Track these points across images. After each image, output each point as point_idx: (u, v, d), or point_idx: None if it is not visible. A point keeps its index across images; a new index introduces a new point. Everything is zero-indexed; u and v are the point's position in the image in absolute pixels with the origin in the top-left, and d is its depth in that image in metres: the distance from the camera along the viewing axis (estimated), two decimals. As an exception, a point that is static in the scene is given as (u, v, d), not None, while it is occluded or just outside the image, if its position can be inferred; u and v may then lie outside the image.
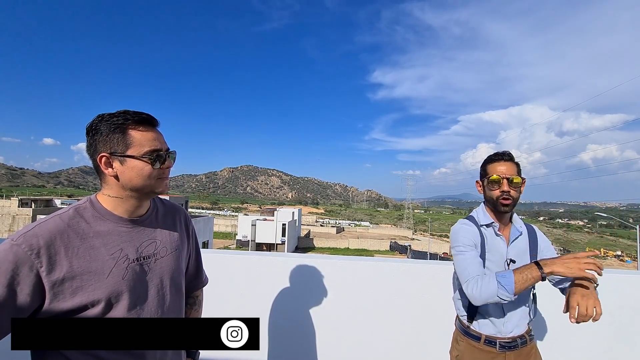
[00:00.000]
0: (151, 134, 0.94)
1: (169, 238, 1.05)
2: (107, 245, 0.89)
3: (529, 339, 1.46)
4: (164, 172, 0.96)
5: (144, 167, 0.91)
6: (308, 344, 2.21)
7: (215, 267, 2.30)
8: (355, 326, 2.22)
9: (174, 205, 1.16)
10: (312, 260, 2.27)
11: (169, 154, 0.97)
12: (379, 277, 2.25)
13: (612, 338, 2.12)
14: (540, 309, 2.13)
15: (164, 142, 0.97)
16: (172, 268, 1.02)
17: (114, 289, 0.87)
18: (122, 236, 0.93)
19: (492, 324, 1.43)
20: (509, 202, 1.40)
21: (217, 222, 63.68)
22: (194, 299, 1.25)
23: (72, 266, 0.82)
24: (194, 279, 1.24)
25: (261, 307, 2.22)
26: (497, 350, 1.42)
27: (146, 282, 0.95)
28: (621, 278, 2.18)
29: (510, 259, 1.43)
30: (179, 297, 1.05)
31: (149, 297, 0.95)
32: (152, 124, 0.95)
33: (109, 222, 0.92)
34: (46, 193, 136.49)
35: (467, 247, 1.42)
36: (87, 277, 0.84)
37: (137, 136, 0.91)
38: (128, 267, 0.90)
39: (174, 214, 1.13)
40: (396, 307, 2.20)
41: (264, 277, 2.28)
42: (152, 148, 0.92)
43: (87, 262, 0.84)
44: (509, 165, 1.42)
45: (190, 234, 1.19)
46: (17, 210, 37.88)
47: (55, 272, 0.80)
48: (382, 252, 52.43)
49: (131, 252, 0.93)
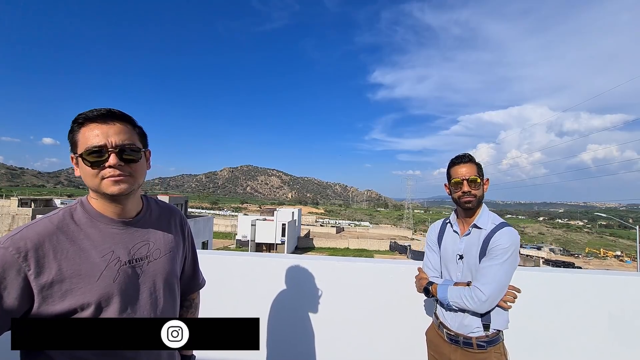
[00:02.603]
0: (96, 130, 0.86)
1: (163, 240, 1.02)
2: (98, 247, 0.87)
3: (478, 345, 1.46)
4: (107, 171, 0.86)
5: (85, 167, 0.86)
6: (306, 344, 2.20)
7: (213, 268, 2.30)
8: (353, 327, 2.21)
9: (169, 206, 1.13)
10: (310, 262, 2.26)
11: (114, 150, 0.86)
12: (378, 278, 2.24)
13: (612, 339, 2.11)
14: (540, 309, 2.12)
15: (113, 137, 0.86)
16: (166, 270, 1.00)
17: (105, 292, 0.85)
18: (114, 238, 0.91)
19: (442, 312, 1.58)
20: (470, 200, 1.51)
21: (217, 222, 63.62)
22: (190, 301, 1.24)
23: (62, 269, 0.81)
24: (190, 282, 1.22)
25: (259, 308, 2.22)
26: (446, 339, 1.54)
27: (138, 284, 0.93)
28: (621, 280, 2.17)
29: (459, 254, 1.55)
30: (172, 300, 1.03)
31: (141, 300, 0.93)
32: (103, 120, 0.87)
33: (100, 224, 0.90)
34: (46, 193, 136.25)
35: (428, 246, 1.70)
36: (77, 280, 0.82)
37: (82, 135, 0.86)
38: (119, 269, 0.88)
39: (169, 216, 1.10)
40: (395, 307, 2.19)
41: (262, 278, 2.27)
42: (88, 146, 0.85)
43: (77, 264, 0.83)
44: (469, 167, 1.54)
45: (186, 235, 1.16)
46: (16, 210, 37.85)
47: (43, 276, 0.79)
48: (382, 253, 52.39)
49: (123, 254, 0.91)
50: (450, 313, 1.53)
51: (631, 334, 2.11)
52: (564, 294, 2.15)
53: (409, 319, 2.16)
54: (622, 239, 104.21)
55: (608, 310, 2.12)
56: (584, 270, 2.41)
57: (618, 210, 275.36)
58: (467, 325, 1.48)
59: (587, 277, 2.18)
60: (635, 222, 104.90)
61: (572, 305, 2.13)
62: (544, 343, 2.11)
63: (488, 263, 1.43)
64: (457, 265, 1.54)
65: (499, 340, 1.49)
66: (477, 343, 1.46)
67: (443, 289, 1.51)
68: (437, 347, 1.60)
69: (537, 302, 2.10)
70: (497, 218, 1.54)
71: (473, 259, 1.48)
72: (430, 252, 1.68)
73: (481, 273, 1.43)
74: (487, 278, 1.40)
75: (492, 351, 1.46)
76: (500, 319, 1.48)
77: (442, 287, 1.52)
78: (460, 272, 1.53)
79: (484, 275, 1.41)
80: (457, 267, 1.54)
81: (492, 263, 1.42)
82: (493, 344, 1.47)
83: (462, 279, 1.51)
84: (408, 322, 2.16)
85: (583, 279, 2.18)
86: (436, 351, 1.61)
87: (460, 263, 1.53)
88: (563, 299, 2.14)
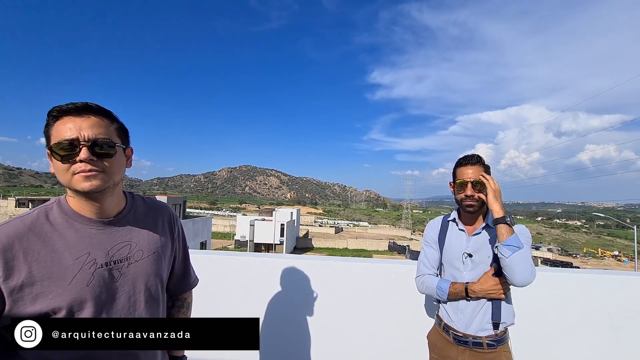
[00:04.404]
0: (69, 124, 0.81)
1: (147, 240, 0.97)
2: (72, 248, 0.83)
3: (488, 345, 1.46)
4: (78, 166, 0.81)
5: (55, 161, 0.83)
6: (304, 344, 2.19)
7: (212, 269, 2.29)
8: (352, 327, 2.20)
9: (157, 204, 1.08)
10: (308, 262, 2.25)
11: (87, 144, 0.81)
12: (376, 278, 2.23)
13: (611, 339, 2.11)
14: (540, 310, 2.12)
15: (86, 130, 0.82)
16: (148, 273, 0.95)
17: (77, 297, 0.81)
18: (92, 239, 0.86)
19: (448, 314, 1.54)
20: (472, 205, 1.49)
21: (216, 223, 63.59)
22: (182, 301, 1.20)
23: (32, 271, 0.78)
24: (181, 282, 1.18)
25: (258, 308, 2.20)
26: (452, 341, 1.51)
27: (115, 288, 0.88)
28: (619, 279, 2.18)
29: (467, 252, 1.52)
30: (153, 304, 0.97)
31: (118, 305, 0.88)
32: (78, 113, 0.83)
33: (77, 224, 0.86)
34: (44, 193, 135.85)
35: (427, 243, 1.67)
36: (48, 284, 0.79)
37: (56, 128, 0.82)
38: (94, 272, 0.84)
39: (155, 214, 1.04)
40: (393, 307, 2.18)
41: (259, 278, 2.25)
42: (60, 139, 0.81)
43: (48, 267, 0.79)
44: (476, 169, 1.50)
45: (176, 234, 1.11)
46: (14, 211, 37.73)
47: (13, 278, 0.76)
48: (381, 253, 52.44)
49: (100, 256, 0.86)
50: (457, 314, 1.51)
51: (631, 333, 2.11)
52: (564, 293, 2.14)
53: (409, 320, 2.15)
54: (620, 238, 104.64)
55: (608, 309, 2.12)
56: (583, 269, 2.41)
57: (616, 210, 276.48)
58: (477, 324, 1.46)
59: (586, 276, 2.18)
60: (632, 222, 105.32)
61: (571, 304, 2.13)
62: (544, 342, 2.10)
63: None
64: (465, 264, 1.52)
65: (506, 339, 1.50)
66: (487, 342, 1.45)
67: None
68: (442, 350, 1.57)
69: (537, 302, 2.10)
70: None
71: (485, 257, 1.47)
72: (429, 249, 1.65)
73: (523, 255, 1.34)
74: (527, 260, 1.34)
75: (501, 350, 1.46)
76: (508, 312, 1.48)
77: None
78: (468, 270, 1.51)
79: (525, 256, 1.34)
80: (465, 266, 1.52)
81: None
82: (502, 343, 1.47)
83: (473, 278, 1.49)
84: (408, 323, 2.15)
85: (583, 279, 2.18)
86: (440, 354, 1.58)
87: (469, 262, 1.51)
88: (563, 298, 2.14)
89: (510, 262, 1.32)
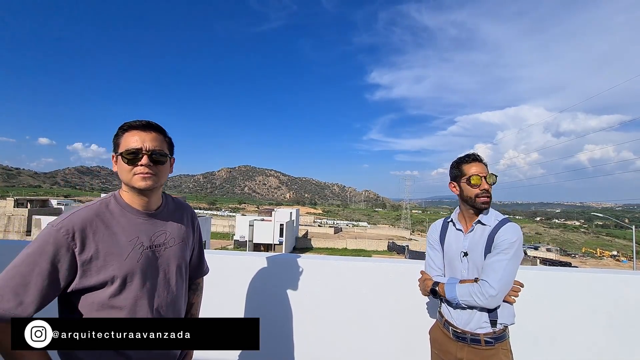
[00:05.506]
0: (136, 136, 1.08)
1: (177, 231, 1.23)
2: (126, 233, 1.07)
3: (486, 342, 1.47)
4: (139, 169, 1.08)
5: (122, 164, 1.09)
6: (304, 344, 2.19)
7: (212, 268, 2.28)
8: (353, 326, 2.21)
9: (182, 203, 1.35)
10: (308, 261, 2.25)
11: (147, 153, 1.08)
12: (376, 277, 2.23)
13: (610, 338, 2.12)
14: (539, 309, 2.13)
15: (148, 142, 1.09)
16: (178, 256, 1.20)
17: (130, 270, 1.04)
18: (139, 226, 1.11)
19: (449, 311, 1.58)
20: (487, 200, 1.51)
21: (215, 223, 63.47)
22: (197, 285, 1.45)
23: (98, 248, 1.00)
24: (197, 268, 1.42)
25: (258, 308, 2.20)
26: (452, 337, 1.55)
27: (157, 266, 1.13)
28: (618, 278, 2.18)
29: (463, 251, 1.55)
30: (181, 281, 1.23)
31: (158, 279, 1.13)
32: (143, 129, 1.10)
33: (129, 214, 1.11)
34: (42, 193, 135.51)
35: (430, 245, 1.70)
36: (109, 258, 1.02)
37: (125, 138, 1.09)
38: (142, 252, 1.08)
39: (182, 210, 1.31)
40: (393, 307, 2.18)
41: (259, 277, 2.25)
42: (129, 147, 1.07)
43: (110, 246, 1.03)
44: (483, 166, 1.55)
45: (195, 228, 1.36)
46: (12, 211, 37.49)
47: (85, 253, 0.98)
48: (380, 253, 52.43)
49: (145, 240, 1.11)
50: (457, 310, 1.53)
51: (630, 332, 2.12)
52: (563, 293, 2.15)
53: (410, 318, 2.15)
54: (619, 238, 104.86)
55: (606, 308, 2.13)
56: (582, 269, 2.42)
57: (614, 210, 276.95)
58: (475, 322, 1.48)
59: (585, 276, 2.19)
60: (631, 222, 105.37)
61: (571, 303, 2.14)
62: (544, 341, 2.11)
63: (495, 258, 1.42)
64: (462, 263, 1.54)
65: (505, 337, 1.51)
66: (485, 339, 1.47)
67: (450, 287, 1.50)
68: (442, 346, 1.60)
69: (536, 301, 2.11)
70: (499, 214, 1.54)
71: (478, 255, 1.48)
72: (433, 251, 1.67)
73: (489, 268, 1.42)
74: (496, 273, 1.40)
75: (500, 347, 1.48)
76: (506, 313, 1.49)
77: (450, 285, 1.51)
78: (466, 269, 1.53)
79: (492, 270, 1.41)
80: (462, 265, 1.54)
81: (499, 258, 1.41)
82: (500, 340, 1.48)
83: (468, 276, 1.51)
84: (409, 321, 2.15)
85: (582, 278, 2.18)
86: (441, 350, 1.61)
87: (465, 260, 1.53)
88: (562, 297, 2.14)
89: (467, 300, 1.44)
